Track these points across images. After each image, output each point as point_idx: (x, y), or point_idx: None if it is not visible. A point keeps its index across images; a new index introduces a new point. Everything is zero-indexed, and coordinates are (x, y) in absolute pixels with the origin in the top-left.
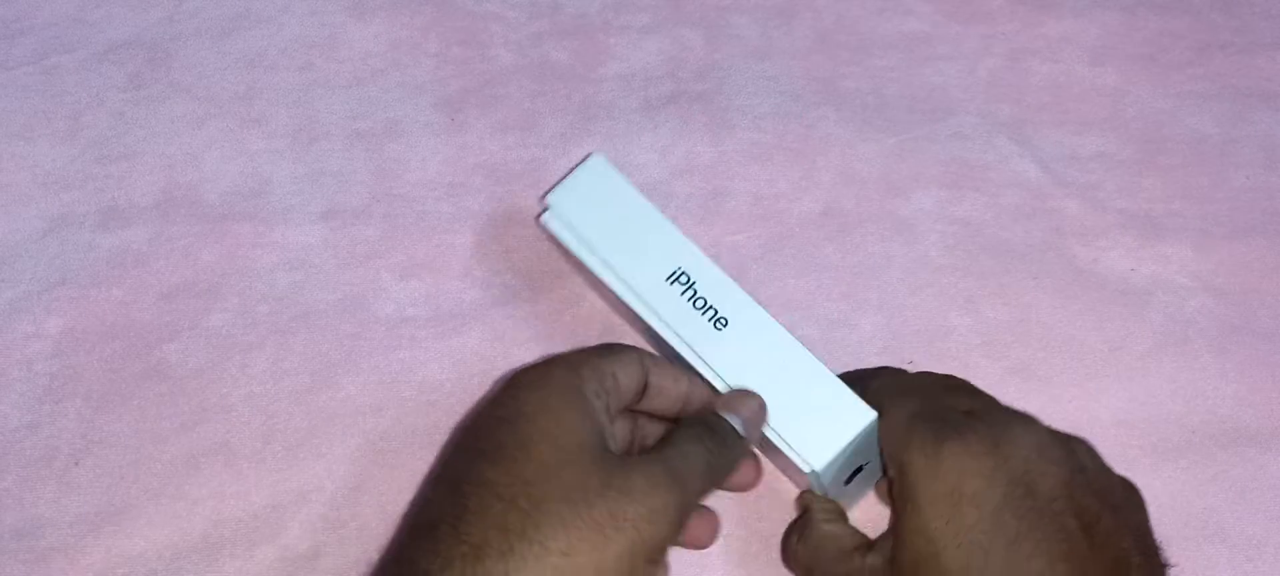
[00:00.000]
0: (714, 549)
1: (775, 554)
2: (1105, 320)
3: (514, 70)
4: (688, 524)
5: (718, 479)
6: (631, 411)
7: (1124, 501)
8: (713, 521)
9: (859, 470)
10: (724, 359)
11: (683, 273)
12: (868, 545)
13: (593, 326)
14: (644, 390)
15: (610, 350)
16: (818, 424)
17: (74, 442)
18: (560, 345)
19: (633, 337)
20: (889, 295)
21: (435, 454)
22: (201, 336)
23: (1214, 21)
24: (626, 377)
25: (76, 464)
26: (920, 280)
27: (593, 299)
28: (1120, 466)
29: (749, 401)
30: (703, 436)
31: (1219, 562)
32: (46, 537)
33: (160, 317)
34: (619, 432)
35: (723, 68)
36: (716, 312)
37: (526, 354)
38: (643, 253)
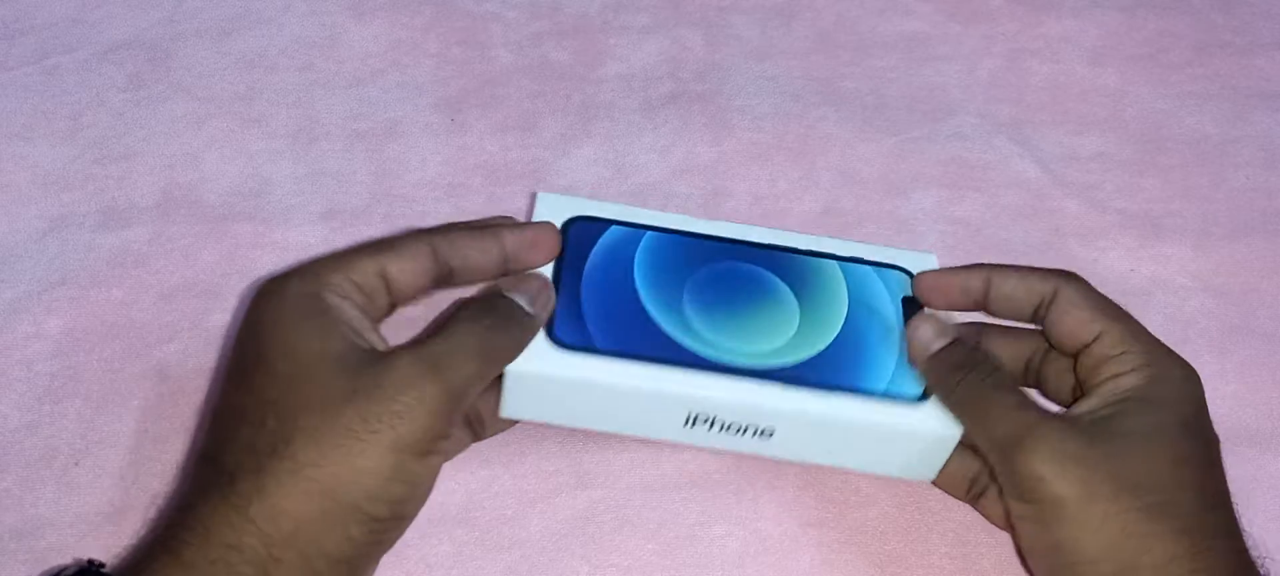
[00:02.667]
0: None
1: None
2: None
3: (514, 70)
4: (468, 410)
5: (496, 360)
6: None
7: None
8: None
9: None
10: (790, 449)
11: (695, 416)
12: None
13: None
14: (449, 273)
15: (380, 245)
16: (917, 459)
17: (74, 442)
18: None
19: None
20: None
21: None
22: (201, 336)
23: (1214, 21)
24: (403, 270)
25: (76, 464)
26: None
27: None
28: None
29: (531, 282)
30: (479, 316)
31: None
32: (46, 537)
33: (160, 317)
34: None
35: (723, 68)
36: (756, 429)
37: None
38: (641, 416)
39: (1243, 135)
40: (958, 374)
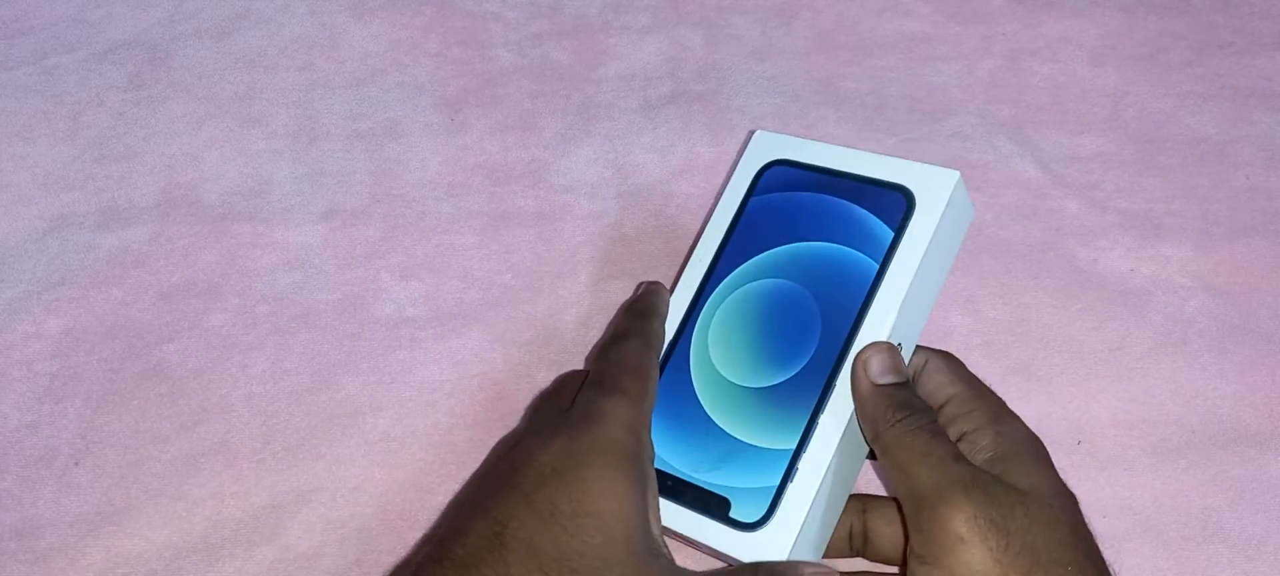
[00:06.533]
0: None
1: None
2: (1105, 320)
3: (514, 70)
4: None
5: None
6: None
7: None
8: None
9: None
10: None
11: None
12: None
13: (592, 327)
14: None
15: (647, 348)
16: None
17: (74, 442)
18: (559, 346)
19: None
20: None
21: (435, 453)
22: (201, 336)
23: (1214, 21)
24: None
25: (76, 464)
26: None
27: (592, 299)
28: (1120, 466)
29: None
30: None
31: (1219, 562)
32: (46, 537)
33: (160, 317)
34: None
35: (723, 68)
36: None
37: (526, 354)
38: None
39: (1243, 135)
40: (899, 413)
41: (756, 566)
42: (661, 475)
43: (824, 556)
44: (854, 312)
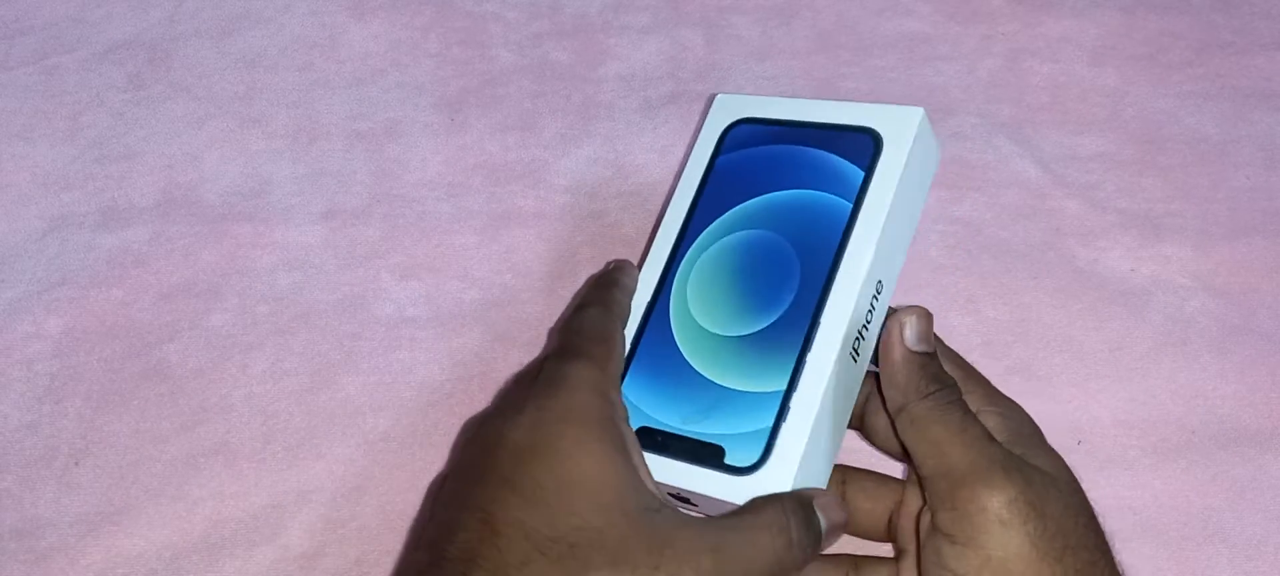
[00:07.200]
0: None
1: None
2: (1105, 320)
3: (514, 70)
4: None
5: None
6: None
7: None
8: None
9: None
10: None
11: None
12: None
13: None
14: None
15: (610, 319)
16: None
17: (74, 442)
18: None
19: None
20: None
21: (436, 454)
22: (201, 336)
23: (1214, 21)
24: (621, 331)
25: (76, 464)
26: (920, 280)
27: None
28: (1120, 466)
29: (841, 510)
30: (789, 526)
31: (1219, 562)
32: (46, 537)
33: (160, 317)
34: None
35: (723, 68)
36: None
37: (526, 354)
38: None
39: (1243, 135)
40: (931, 385)
41: (770, 498)
42: (651, 432)
43: None
44: (831, 252)
